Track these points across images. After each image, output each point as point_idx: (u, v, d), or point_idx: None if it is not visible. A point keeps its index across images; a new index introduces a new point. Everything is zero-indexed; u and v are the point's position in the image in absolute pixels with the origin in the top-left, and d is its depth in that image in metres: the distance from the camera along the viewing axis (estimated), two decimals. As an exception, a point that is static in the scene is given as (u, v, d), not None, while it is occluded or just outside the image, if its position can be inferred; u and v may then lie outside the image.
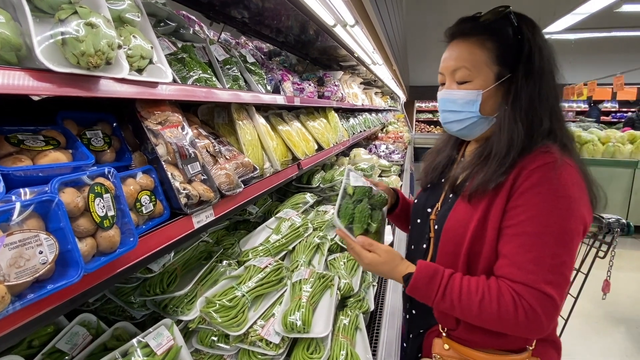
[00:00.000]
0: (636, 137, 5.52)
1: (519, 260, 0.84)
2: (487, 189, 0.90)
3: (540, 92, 0.91)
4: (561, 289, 0.83)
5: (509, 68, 0.93)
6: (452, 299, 0.87)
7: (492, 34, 0.93)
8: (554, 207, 0.83)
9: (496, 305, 0.83)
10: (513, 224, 0.87)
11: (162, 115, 1.08)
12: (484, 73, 0.94)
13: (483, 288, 0.85)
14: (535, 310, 0.81)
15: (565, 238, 0.83)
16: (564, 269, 0.84)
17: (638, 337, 3.09)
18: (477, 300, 0.84)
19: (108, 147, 1.00)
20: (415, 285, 0.90)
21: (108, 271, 0.78)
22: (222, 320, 1.09)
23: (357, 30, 2.06)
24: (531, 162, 0.87)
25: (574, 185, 0.85)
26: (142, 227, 0.94)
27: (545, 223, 0.83)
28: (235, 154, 1.41)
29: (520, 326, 0.83)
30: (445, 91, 1.01)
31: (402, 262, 0.97)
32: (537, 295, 0.81)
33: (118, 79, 0.85)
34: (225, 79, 1.54)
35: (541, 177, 0.84)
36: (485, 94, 0.95)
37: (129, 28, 0.95)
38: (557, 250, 0.83)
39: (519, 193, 0.86)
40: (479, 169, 0.94)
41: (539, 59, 0.91)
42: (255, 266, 1.33)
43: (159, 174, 1.04)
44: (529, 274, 0.83)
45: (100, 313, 1.22)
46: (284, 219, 1.76)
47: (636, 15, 6.11)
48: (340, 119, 3.24)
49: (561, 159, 0.86)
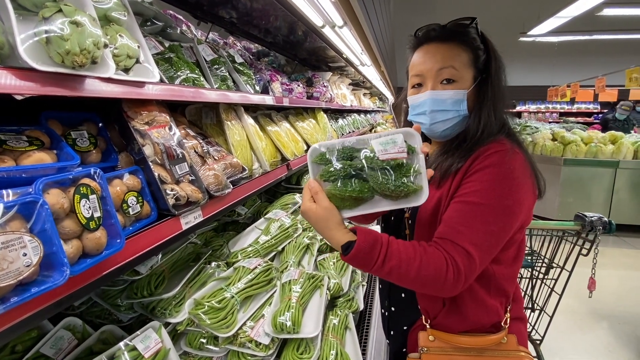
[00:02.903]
0: (617, 137, 5.66)
1: (454, 222, 0.92)
2: (449, 172, 0.99)
3: (500, 92, 1.04)
4: (483, 252, 0.89)
5: (480, 71, 1.04)
6: (391, 266, 0.87)
7: (467, 41, 1.02)
8: (497, 185, 0.91)
9: (432, 267, 0.86)
10: (459, 194, 0.95)
11: (149, 116, 1.07)
12: (467, 73, 1.02)
13: (420, 253, 0.88)
14: (459, 268, 0.86)
15: (499, 211, 0.91)
16: (491, 237, 0.90)
17: (621, 333, 3.17)
18: (415, 265, 0.86)
19: (94, 148, 0.99)
20: (356, 255, 0.87)
21: (94, 273, 0.77)
22: (211, 322, 1.08)
23: (345, 32, 2.07)
24: (487, 150, 0.96)
25: (519, 170, 0.94)
26: (129, 228, 0.93)
27: (487, 196, 0.91)
28: (224, 154, 1.40)
29: (446, 284, 0.86)
30: (432, 92, 1.02)
31: (339, 227, 0.91)
32: (462, 252, 0.87)
33: (104, 78, 0.83)
34: (214, 79, 1.53)
35: (494, 161, 0.94)
36: (468, 94, 1.01)
37: (115, 27, 0.93)
38: (488, 219, 0.90)
39: (473, 171, 0.95)
40: (445, 158, 1.02)
41: (499, 65, 1.05)
42: (245, 267, 1.32)
43: (146, 174, 1.03)
44: (458, 233, 0.89)
45: (86, 316, 1.20)
46: (273, 220, 1.76)
47: (616, 19, 6.29)
48: (329, 119, 3.25)
49: (512, 149, 0.96)
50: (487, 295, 1.01)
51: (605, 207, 5.48)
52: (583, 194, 5.54)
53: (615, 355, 2.91)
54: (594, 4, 5.18)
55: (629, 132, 6.44)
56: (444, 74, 1.01)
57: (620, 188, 5.42)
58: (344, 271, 1.62)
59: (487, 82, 1.03)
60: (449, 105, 1.01)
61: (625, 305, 3.57)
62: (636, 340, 3.09)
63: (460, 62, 1.00)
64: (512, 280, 1.06)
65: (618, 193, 5.43)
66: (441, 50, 1.02)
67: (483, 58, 1.04)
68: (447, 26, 1.03)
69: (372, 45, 2.81)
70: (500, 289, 1.03)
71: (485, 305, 1.01)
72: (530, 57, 10.04)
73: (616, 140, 5.63)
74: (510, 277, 1.04)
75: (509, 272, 1.03)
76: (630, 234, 5.35)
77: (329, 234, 0.92)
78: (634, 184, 5.37)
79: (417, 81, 1.06)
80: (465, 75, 1.01)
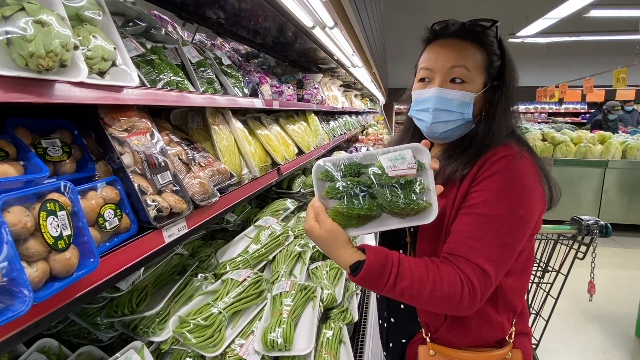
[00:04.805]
0: (606, 137, 5.72)
1: (465, 236, 0.87)
2: (454, 178, 0.94)
3: (511, 100, 1.00)
4: (498, 267, 0.85)
5: (491, 77, 0.99)
6: (403, 287, 0.82)
7: (485, 43, 0.97)
8: (508, 194, 0.87)
9: (447, 287, 0.82)
10: (467, 205, 0.90)
11: (128, 122, 1.00)
12: (478, 77, 0.97)
13: (433, 272, 0.83)
14: (475, 287, 0.82)
15: (513, 222, 0.86)
16: (506, 251, 0.86)
17: (613, 333, 3.17)
18: (429, 285, 0.82)
19: (67, 157, 0.92)
20: (366, 276, 0.82)
21: (64, 297, 0.70)
22: (196, 341, 1.01)
23: (336, 32, 2.02)
24: (494, 155, 0.92)
25: (529, 177, 0.90)
26: (105, 244, 0.86)
27: (497, 207, 0.86)
28: (211, 160, 1.33)
29: (462, 304, 0.82)
30: (440, 89, 0.97)
31: (345, 246, 0.87)
32: (476, 270, 0.83)
33: (75, 82, 0.77)
34: (200, 82, 1.47)
35: (502, 167, 0.89)
36: (476, 98, 0.97)
37: (89, 27, 0.86)
38: (502, 232, 0.85)
39: (480, 179, 0.90)
40: (449, 163, 0.96)
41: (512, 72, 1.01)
42: (233, 280, 1.26)
43: (125, 185, 0.96)
44: (471, 249, 0.85)
45: (62, 336, 1.12)
46: (264, 227, 1.69)
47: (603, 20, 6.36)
48: (320, 121, 3.19)
49: (520, 153, 0.91)
50: (494, 311, 0.96)
51: (595, 206, 5.53)
52: (573, 193, 5.58)
53: (608, 355, 2.90)
54: (581, 5, 5.23)
55: (617, 132, 6.52)
56: (455, 72, 0.96)
57: (609, 188, 5.47)
58: (337, 280, 1.57)
59: (500, 89, 0.98)
60: (454, 106, 0.96)
61: (617, 304, 3.58)
62: (629, 340, 3.09)
63: (473, 63, 0.96)
64: (521, 294, 1.01)
65: (607, 193, 5.48)
66: (456, 47, 0.96)
67: (497, 64, 0.99)
68: (466, 24, 0.99)
69: (364, 46, 2.76)
70: (509, 303, 0.98)
71: (491, 321, 0.96)
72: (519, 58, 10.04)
73: (605, 140, 5.69)
74: (519, 290, 0.99)
75: (518, 284, 0.98)
76: (619, 233, 5.39)
77: (335, 254, 0.87)
78: (622, 183, 5.42)
79: (425, 75, 1.01)
80: (476, 78, 0.96)
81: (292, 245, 1.69)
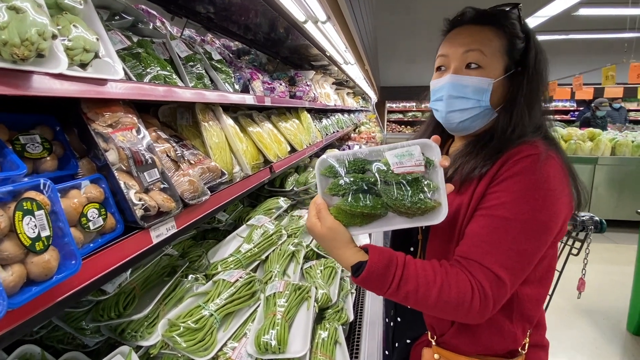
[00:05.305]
0: (595, 134, 5.78)
1: (480, 240, 0.81)
2: (473, 176, 0.87)
3: (539, 90, 0.92)
4: (515, 276, 0.80)
5: (515, 63, 0.92)
6: (407, 290, 0.78)
7: (504, 26, 0.91)
8: (530, 197, 0.80)
9: (455, 293, 0.77)
10: (485, 207, 0.84)
11: (113, 117, 0.96)
12: (497, 62, 0.90)
13: (441, 276, 0.78)
14: (488, 294, 0.77)
15: (532, 227, 0.80)
16: (523, 257, 0.80)
17: (605, 328, 3.20)
18: (435, 291, 0.77)
19: (48, 154, 0.87)
20: (368, 277, 0.78)
21: (43, 303, 0.66)
22: (187, 344, 0.98)
23: (329, 27, 1.99)
24: (517, 153, 0.84)
25: (555, 179, 0.82)
26: (89, 245, 0.82)
27: (517, 210, 0.80)
28: (201, 158, 1.29)
29: (471, 312, 0.77)
30: (453, 75, 0.92)
31: (347, 245, 0.83)
32: (490, 276, 0.78)
33: (55, 74, 0.72)
34: (189, 77, 1.42)
35: (524, 167, 0.82)
36: (495, 84, 0.90)
37: (69, 16, 0.82)
38: (520, 237, 0.79)
39: (501, 179, 0.84)
40: (468, 160, 0.90)
41: (541, 59, 0.93)
42: (225, 280, 1.22)
43: (110, 183, 0.92)
44: (486, 254, 0.79)
45: (46, 342, 1.07)
46: (256, 227, 1.66)
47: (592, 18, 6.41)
48: (313, 119, 3.16)
49: (546, 152, 0.84)
50: (507, 321, 0.89)
51: (586, 203, 5.58)
52: (564, 190, 5.62)
53: (600, 350, 2.93)
54: (570, 3, 5.26)
55: (606, 129, 6.59)
56: (470, 57, 0.90)
57: (599, 184, 5.54)
58: (332, 279, 1.54)
59: (523, 75, 0.91)
60: (469, 92, 0.90)
61: (608, 299, 3.62)
62: (620, 334, 3.12)
63: (491, 47, 0.89)
64: (539, 304, 0.94)
65: (597, 189, 5.54)
66: (471, 32, 0.91)
67: (521, 47, 0.91)
68: (480, 10, 0.94)
69: (357, 42, 2.73)
70: (525, 314, 0.90)
71: (503, 331, 0.90)
72: (509, 56, 10.15)
73: (594, 137, 5.75)
74: (537, 300, 0.92)
75: (536, 293, 0.91)
76: (610, 228, 5.43)
77: (336, 253, 0.83)
78: (612, 179, 5.49)
79: (441, 63, 0.96)
80: (494, 63, 0.90)
81: (286, 244, 1.65)
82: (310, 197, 2.46)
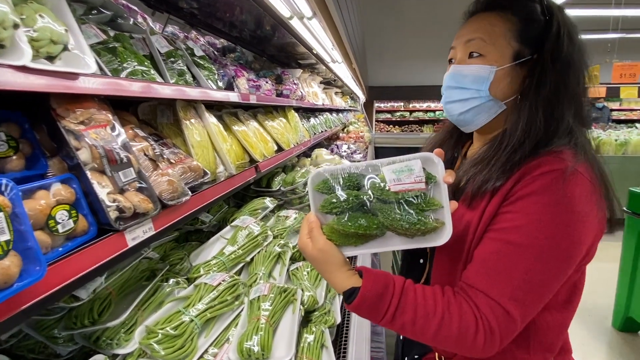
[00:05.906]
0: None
1: (488, 267, 0.73)
2: (485, 190, 0.77)
3: (567, 83, 0.79)
4: (527, 309, 0.71)
5: (531, 48, 0.80)
6: (403, 321, 0.71)
7: (518, 8, 0.82)
8: (549, 222, 0.70)
9: (456, 327, 0.70)
10: (496, 229, 0.75)
11: (85, 114, 0.91)
12: (500, 47, 0.81)
13: (442, 307, 0.71)
14: (494, 330, 0.69)
15: (551, 255, 0.70)
16: (537, 289, 0.71)
17: (591, 325, 3.24)
18: (435, 323, 0.70)
19: (14, 153, 0.82)
20: (360, 305, 0.72)
21: (3, 312, 0.61)
22: (165, 352, 0.93)
23: (315, 24, 1.95)
24: (537, 167, 0.73)
25: (580, 200, 0.71)
26: (58, 249, 0.77)
27: (533, 236, 0.70)
28: (182, 157, 1.25)
29: (475, 348, 0.70)
30: (455, 66, 0.87)
31: (340, 269, 0.76)
32: (497, 310, 0.69)
33: (17, 67, 0.67)
34: (170, 74, 1.37)
35: (544, 185, 0.71)
36: (499, 72, 0.81)
37: (34, 5, 0.77)
38: (535, 266, 0.70)
39: (515, 198, 0.73)
40: (481, 169, 0.80)
41: (568, 44, 0.79)
42: (207, 284, 1.17)
43: (82, 183, 0.87)
44: (494, 284, 0.71)
45: (16, 351, 1.01)
46: (241, 228, 1.61)
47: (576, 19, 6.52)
48: (300, 118, 3.12)
49: (573, 167, 0.72)
50: (522, 351, 0.81)
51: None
52: (549, 189, 5.70)
53: (587, 347, 2.96)
54: (556, 4, 5.34)
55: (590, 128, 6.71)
56: (471, 46, 0.83)
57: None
58: (318, 281, 1.50)
59: (544, 64, 0.78)
60: (468, 82, 0.83)
61: (593, 296, 3.66)
62: (606, 331, 3.16)
63: (493, 33, 0.81)
64: (562, 330, 0.83)
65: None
66: (478, 21, 0.85)
67: (539, 31, 0.80)
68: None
69: (344, 40, 2.71)
70: (544, 342, 0.81)
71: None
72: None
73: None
74: (560, 326, 0.82)
75: (559, 319, 0.81)
76: (593, 226, 5.55)
77: (328, 277, 0.78)
78: (596, 178, 5.58)
79: (450, 56, 0.91)
80: (498, 49, 0.81)
81: (271, 245, 1.61)
82: (298, 197, 2.42)
